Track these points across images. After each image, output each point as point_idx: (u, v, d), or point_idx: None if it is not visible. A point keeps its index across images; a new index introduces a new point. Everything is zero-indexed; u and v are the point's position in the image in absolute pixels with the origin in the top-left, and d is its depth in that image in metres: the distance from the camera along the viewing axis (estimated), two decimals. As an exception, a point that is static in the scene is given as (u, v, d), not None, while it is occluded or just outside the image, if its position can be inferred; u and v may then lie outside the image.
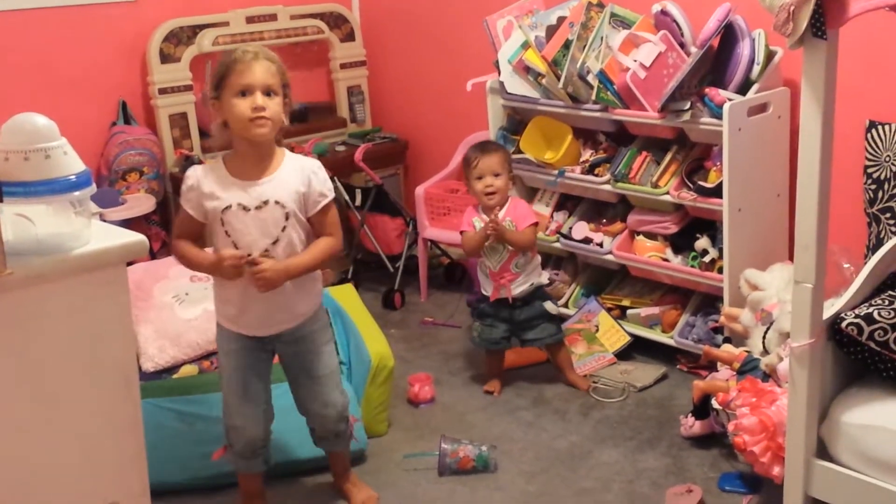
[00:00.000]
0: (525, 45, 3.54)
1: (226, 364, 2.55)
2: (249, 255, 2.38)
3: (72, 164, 1.80)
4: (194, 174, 2.45)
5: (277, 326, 2.51)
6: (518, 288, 3.23)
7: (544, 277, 3.42)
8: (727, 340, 3.11)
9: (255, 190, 2.41)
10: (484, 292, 3.30)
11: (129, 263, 2.01)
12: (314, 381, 2.59)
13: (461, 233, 3.30)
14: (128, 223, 3.60)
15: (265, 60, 2.38)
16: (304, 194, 2.43)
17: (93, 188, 1.84)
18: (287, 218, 2.42)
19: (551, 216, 3.73)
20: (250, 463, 2.61)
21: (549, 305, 3.29)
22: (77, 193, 1.79)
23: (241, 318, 2.49)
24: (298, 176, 2.44)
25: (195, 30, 4.16)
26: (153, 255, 3.83)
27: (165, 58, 4.09)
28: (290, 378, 2.62)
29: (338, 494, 2.76)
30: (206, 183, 2.42)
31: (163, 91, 4.10)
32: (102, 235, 1.90)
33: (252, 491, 2.67)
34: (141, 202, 3.90)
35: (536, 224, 3.28)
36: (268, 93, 2.37)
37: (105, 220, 2.84)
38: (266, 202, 2.40)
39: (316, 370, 2.58)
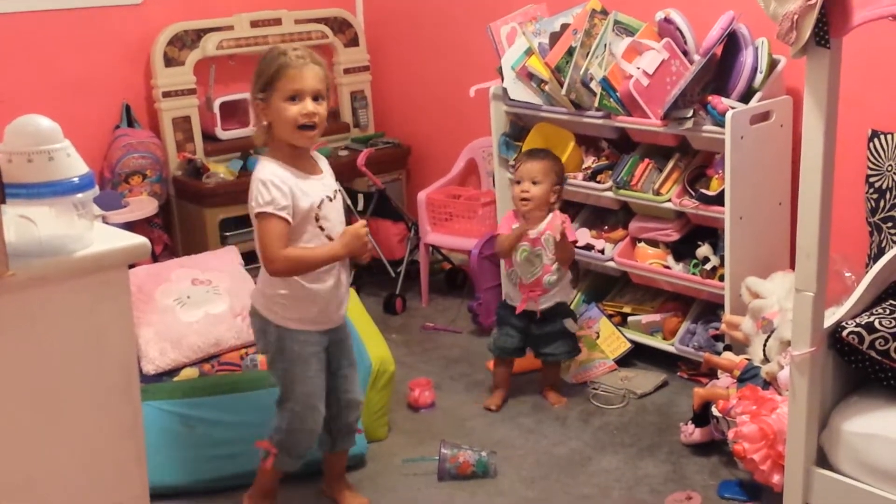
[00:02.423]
0: (528, 52, 3.54)
1: (305, 370, 2.49)
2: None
3: (75, 166, 1.81)
4: (278, 181, 2.35)
5: (345, 308, 2.58)
6: (546, 304, 3.20)
7: (570, 296, 3.34)
8: (728, 348, 3.11)
9: (325, 182, 2.49)
10: (509, 301, 3.27)
11: (131, 266, 2.02)
12: (352, 367, 2.64)
13: (496, 235, 3.28)
14: (130, 226, 3.60)
15: (315, 65, 2.40)
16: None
17: (95, 190, 1.84)
18: (343, 202, 2.56)
19: (553, 222, 3.73)
20: (299, 462, 2.61)
21: (569, 323, 3.24)
22: (80, 195, 1.80)
23: (323, 313, 2.50)
24: (328, 168, 2.55)
25: (199, 33, 4.17)
26: (155, 258, 3.84)
27: (169, 61, 4.10)
28: (335, 369, 2.60)
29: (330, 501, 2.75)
30: (293, 184, 2.39)
31: (166, 94, 4.11)
32: (105, 238, 1.90)
33: (274, 488, 2.65)
34: (143, 205, 3.91)
35: (577, 241, 3.24)
36: (316, 97, 2.39)
37: (107, 223, 2.84)
38: (336, 192, 2.50)
39: (352, 355, 2.65)
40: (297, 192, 2.38)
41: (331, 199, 2.47)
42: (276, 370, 2.54)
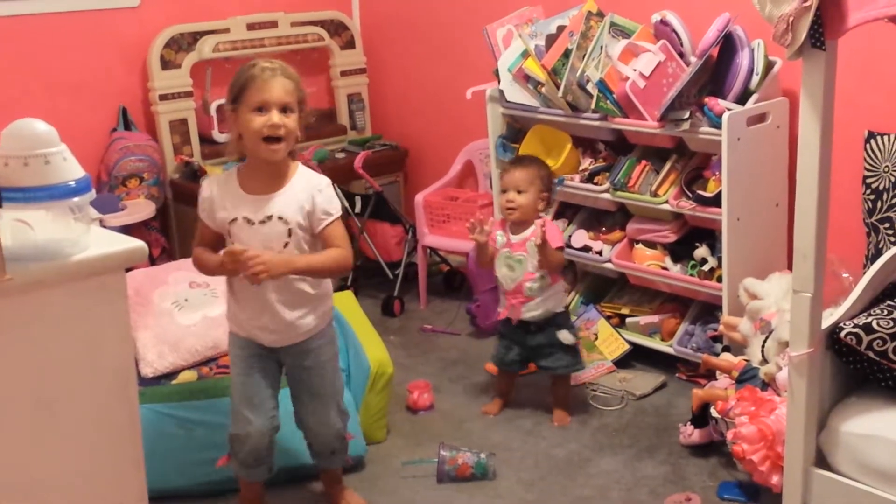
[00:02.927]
0: (525, 54, 3.55)
1: (235, 370, 2.56)
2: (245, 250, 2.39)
3: (71, 169, 1.80)
4: (208, 185, 2.51)
5: (287, 339, 2.53)
6: (530, 312, 3.11)
7: (561, 306, 3.20)
8: (726, 349, 3.11)
9: (262, 204, 2.43)
10: (500, 309, 3.24)
11: (129, 269, 2.01)
12: (315, 399, 2.60)
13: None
14: (127, 229, 3.60)
15: (283, 77, 2.39)
16: (308, 211, 2.44)
17: (92, 194, 1.84)
18: (290, 234, 2.43)
19: (550, 224, 3.73)
20: (254, 471, 2.61)
21: (563, 335, 3.12)
22: (76, 199, 1.80)
23: (252, 326, 2.51)
24: (305, 193, 2.45)
25: (196, 36, 4.17)
26: (153, 261, 3.83)
27: (166, 64, 4.10)
28: (292, 392, 2.63)
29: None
30: (217, 194, 2.47)
31: (163, 97, 4.10)
32: (102, 241, 1.90)
33: (253, 497, 2.67)
34: (141, 208, 3.90)
35: (563, 248, 3.13)
36: (283, 110, 2.38)
37: (105, 226, 2.83)
38: (269, 217, 2.42)
39: (317, 388, 2.59)
40: (218, 204, 2.46)
41: (250, 223, 2.42)
42: None
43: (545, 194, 3.13)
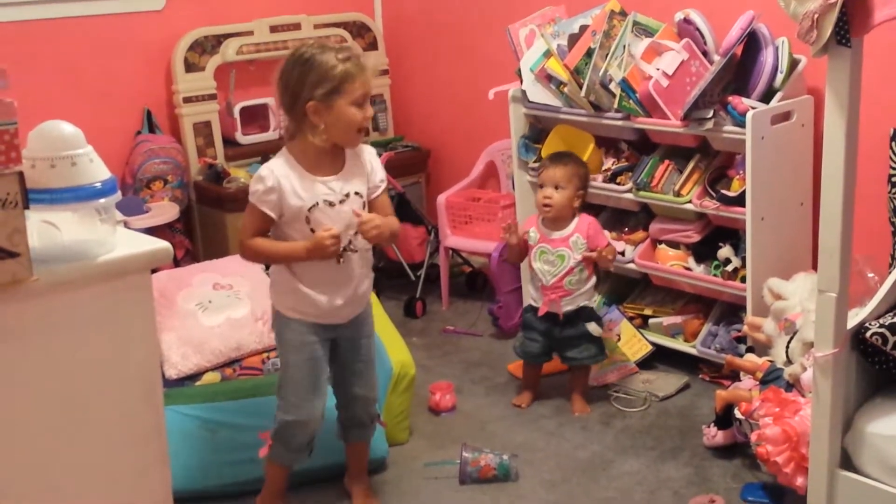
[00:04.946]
0: (547, 54, 3.54)
1: (297, 358, 2.54)
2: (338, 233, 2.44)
3: (97, 171, 1.81)
4: (272, 175, 2.42)
5: (354, 309, 2.57)
6: (567, 306, 3.18)
7: (594, 300, 3.29)
8: (750, 350, 3.09)
9: (337, 185, 2.47)
10: (533, 303, 3.26)
11: (154, 271, 2.03)
12: (367, 367, 2.65)
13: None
14: (152, 231, 3.61)
15: (370, 69, 2.43)
16: (368, 180, 2.52)
17: (118, 195, 1.85)
18: (365, 206, 2.51)
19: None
20: (300, 455, 2.63)
21: (592, 327, 3.20)
22: (102, 201, 1.81)
23: (330, 307, 2.52)
24: (362, 165, 2.52)
25: (220, 39, 4.20)
26: (177, 263, 3.86)
27: (190, 67, 4.12)
28: (341, 363, 2.63)
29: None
30: (287, 183, 2.43)
31: (187, 100, 4.13)
32: (127, 243, 1.91)
33: (282, 487, 2.67)
34: (165, 210, 3.93)
35: (608, 244, 3.21)
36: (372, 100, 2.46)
37: (129, 228, 2.86)
38: (348, 195, 2.47)
39: (366, 354, 2.65)
40: (290, 191, 2.43)
41: (331, 204, 2.45)
42: (278, 357, 2.64)
43: (581, 192, 3.19)
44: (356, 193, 2.49)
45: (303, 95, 2.38)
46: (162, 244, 1.93)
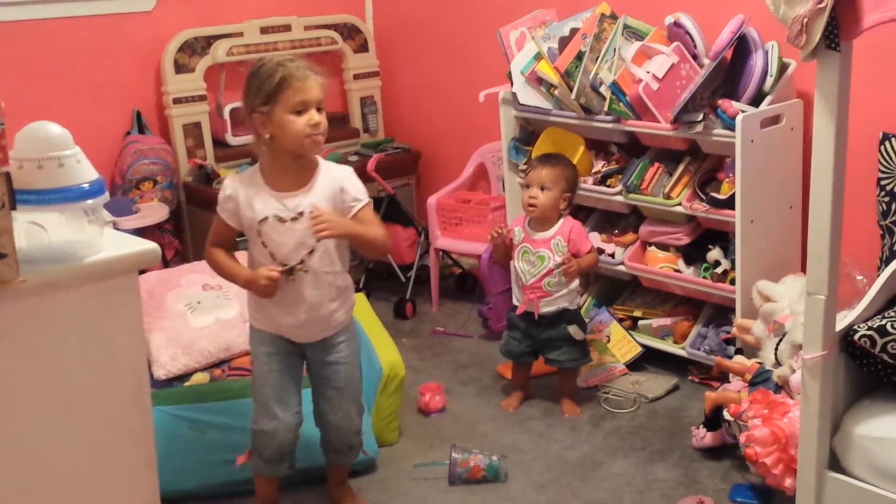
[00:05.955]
0: (538, 57, 3.54)
1: (261, 367, 2.56)
2: (284, 266, 2.42)
3: (85, 172, 1.81)
4: (231, 184, 2.47)
5: (318, 333, 2.54)
6: (546, 308, 3.17)
7: (575, 303, 3.27)
8: (739, 352, 3.10)
9: (292, 201, 2.43)
10: (515, 302, 3.27)
11: (142, 272, 2.02)
12: (339, 394, 2.60)
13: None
14: (141, 232, 3.61)
15: (316, 75, 2.40)
16: (339, 201, 2.47)
17: (106, 196, 1.84)
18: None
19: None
20: (277, 467, 2.62)
21: (573, 330, 3.19)
22: (90, 202, 1.80)
23: (286, 323, 2.51)
24: (332, 184, 2.47)
25: (209, 40, 4.19)
26: (166, 264, 3.85)
27: (180, 68, 4.11)
28: (315, 388, 2.63)
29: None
30: (243, 193, 2.45)
31: (177, 101, 4.12)
32: (115, 244, 1.91)
33: (270, 496, 2.67)
34: (154, 211, 3.92)
35: (592, 247, 3.22)
36: (318, 108, 2.40)
37: (118, 229, 2.85)
38: (301, 213, 2.43)
39: (341, 382, 2.59)
40: (245, 202, 2.44)
41: (282, 220, 2.42)
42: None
43: (568, 195, 3.19)
44: (304, 212, 2.43)
45: (249, 107, 2.42)
46: (149, 245, 1.93)
